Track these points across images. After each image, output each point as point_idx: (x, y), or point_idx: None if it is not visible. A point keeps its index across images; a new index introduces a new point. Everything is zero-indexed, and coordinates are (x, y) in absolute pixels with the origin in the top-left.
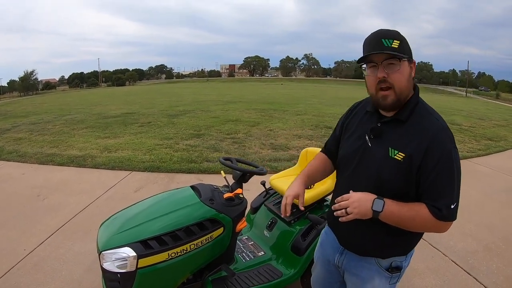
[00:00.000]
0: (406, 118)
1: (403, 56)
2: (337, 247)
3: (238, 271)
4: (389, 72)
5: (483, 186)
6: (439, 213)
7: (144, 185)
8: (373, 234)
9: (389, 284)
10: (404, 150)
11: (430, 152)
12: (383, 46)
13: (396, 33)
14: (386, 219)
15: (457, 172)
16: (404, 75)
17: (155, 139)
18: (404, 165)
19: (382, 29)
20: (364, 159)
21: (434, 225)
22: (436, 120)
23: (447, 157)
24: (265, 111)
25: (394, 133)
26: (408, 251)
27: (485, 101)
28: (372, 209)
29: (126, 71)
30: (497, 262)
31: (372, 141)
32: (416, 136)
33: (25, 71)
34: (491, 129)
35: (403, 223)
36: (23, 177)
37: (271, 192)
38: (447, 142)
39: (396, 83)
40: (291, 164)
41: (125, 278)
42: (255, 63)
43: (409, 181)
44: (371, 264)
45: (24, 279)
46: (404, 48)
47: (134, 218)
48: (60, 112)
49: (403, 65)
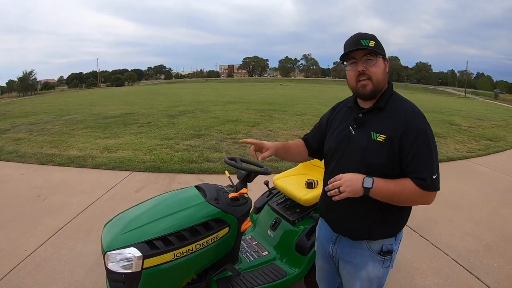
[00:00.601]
0: (384, 105)
1: (379, 52)
2: (330, 237)
3: (242, 271)
4: (367, 66)
5: (483, 186)
6: (424, 183)
7: (145, 185)
8: (363, 215)
9: (383, 268)
10: (385, 132)
11: (407, 132)
12: (362, 45)
13: (373, 36)
14: (376, 195)
15: (434, 147)
16: (380, 68)
17: (155, 139)
18: (386, 146)
19: (361, 32)
20: (349, 148)
21: (421, 196)
22: (409, 105)
23: (423, 135)
24: (265, 111)
25: (374, 120)
26: (396, 232)
27: (484, 102)
28: (363, 186)
29: (125, 71)
30: (498, 261)
31: (356, 130)
32: (394, 120)
33: (24, 71)
34: (490, 129)
35: (392, 197)
36: (23, 178)
37: (274, 192)
38: (421, 123)
39: (373, 74)
40: (292, 165)
41: (130, 279)
42: (254, 63)
43: (392, 160)
44: (363, 249)
45: (25, 280)
46: (379, 47)
47: (139, 218)
48: (59, 112)
49: (378, 60)
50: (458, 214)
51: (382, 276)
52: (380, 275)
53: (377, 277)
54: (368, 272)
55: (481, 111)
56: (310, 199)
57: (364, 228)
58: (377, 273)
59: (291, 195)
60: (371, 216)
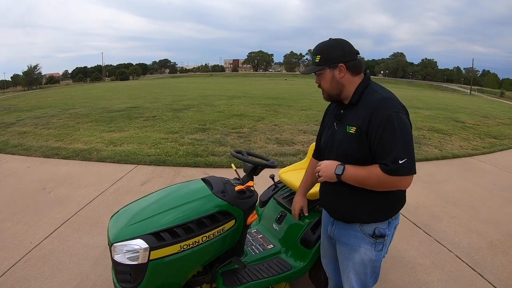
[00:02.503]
0: (356, 101)
1: (322, 67)
2: (328, 220)
3: (247, 264)
4: (320, 79)
5: (488, 184)
6: (386, 167)
7: (150, 178)
8: (351, 201)
9: (375, 250)
10: (355, 124)
11: (372, 121)
12: (314, 62)
13: (320, 48)
14: (347, 180)
15: (400, 132)
16: (327, 80)
17: (160, 133)
18: (356, 136)
19: (318, 44)
20: (333, 141)
21: (388, 181)
22: (378, 94)
23: (386, 121)
24: (270, 106)
25: (349, 114)
26: (387, 217)
27: (490, 99)
28: (335, 172)
29: (130, 65)
30: (501, 259)
31: (338, 125)
32: (363, 111)
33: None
34: (496, 127)
35: (362, 182)
36: (28, 171)
37: (280, 186)
38: (386, 109)
39: (323, 86)
40: (297, 159)
41: (136, 270)
42: (258, 58)
43: (363, 149)
44: (356, 231)
45: (31, 272)
46: (325, 59)
47: (145, 210)
48: (64, 106)
49: (325, 73)
50: (462, 211)
51: (375, 260)
52: (373, 258)
53: (370, 260)
54: (361, 254)
55: (487, 109)
56: (315, 193)
57: (353, 212)
58: (370, 255)
59: (296, 189)
60: (356, 202)
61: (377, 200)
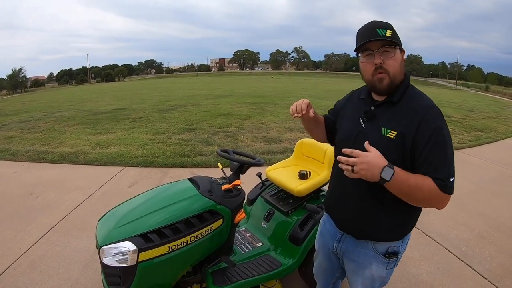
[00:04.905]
0: (398, 100)
1: (397, 42)
2: (335, 234)
3: (237, 262)
4: (384, 58)
5: (474, 177)
6: (443, 183)
7: (137, 180)
8: (372, 216)
9: (387, 269)
10: (396, 129)
11: (421, 129)
12: (378, 35)
13: (389, 24)
14: (392, 186)
15: (450, 148)
16: (398, 61)
17: (147, 134)
18: (396, 143)
19: (376, 20)
20: (358, 141)
21: (438, 197)
22: (425, 100)
23: (438, 134)
24: (256, 104)
25: (386, 114)
26: (403, 235)
27: (475, 93)
28: (381, 176)
29: (116, 66)
30: (489, 250)
31: (366, 123)
32: (407, 115)
33: (13, 69)
34: (481, 120)
35: (407, 192)
36: (15, 176)
37: (267, 184)
38: (436, 119)
39: (391, 68)
40: (284, 157)
41: (125, 273)
42: (245, 57)
43: (402, 158)
44: (368, 249)
45: (21, 279)
46: (396, 37)
47: (133, 212)
48: (50, 109)
49: (396, 52)
50: (450, 204)
51: (385, 276)
52: (383, 275)
53: (380, 276)
54: (372, 271)
55: (472, 103)
56: (302, 190)
57: (370, 229)
58: (380, 273)
59: (284, 186)
60: (380, 218)
61: (398, 217)
